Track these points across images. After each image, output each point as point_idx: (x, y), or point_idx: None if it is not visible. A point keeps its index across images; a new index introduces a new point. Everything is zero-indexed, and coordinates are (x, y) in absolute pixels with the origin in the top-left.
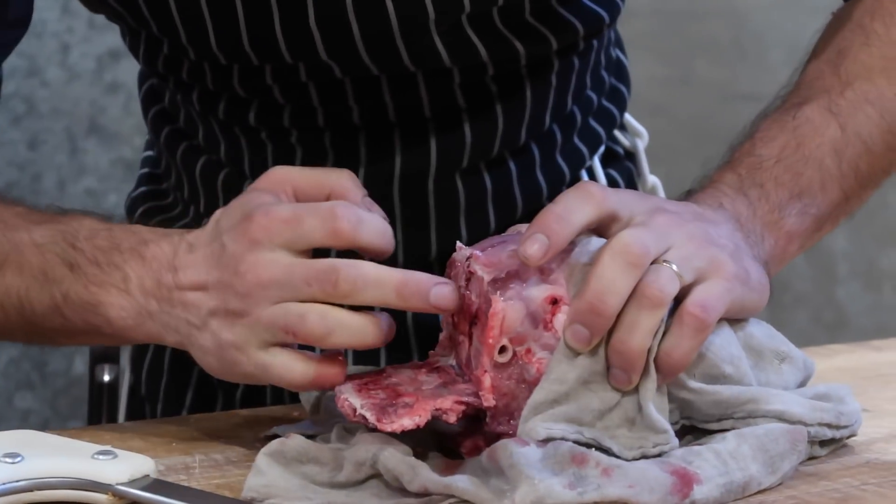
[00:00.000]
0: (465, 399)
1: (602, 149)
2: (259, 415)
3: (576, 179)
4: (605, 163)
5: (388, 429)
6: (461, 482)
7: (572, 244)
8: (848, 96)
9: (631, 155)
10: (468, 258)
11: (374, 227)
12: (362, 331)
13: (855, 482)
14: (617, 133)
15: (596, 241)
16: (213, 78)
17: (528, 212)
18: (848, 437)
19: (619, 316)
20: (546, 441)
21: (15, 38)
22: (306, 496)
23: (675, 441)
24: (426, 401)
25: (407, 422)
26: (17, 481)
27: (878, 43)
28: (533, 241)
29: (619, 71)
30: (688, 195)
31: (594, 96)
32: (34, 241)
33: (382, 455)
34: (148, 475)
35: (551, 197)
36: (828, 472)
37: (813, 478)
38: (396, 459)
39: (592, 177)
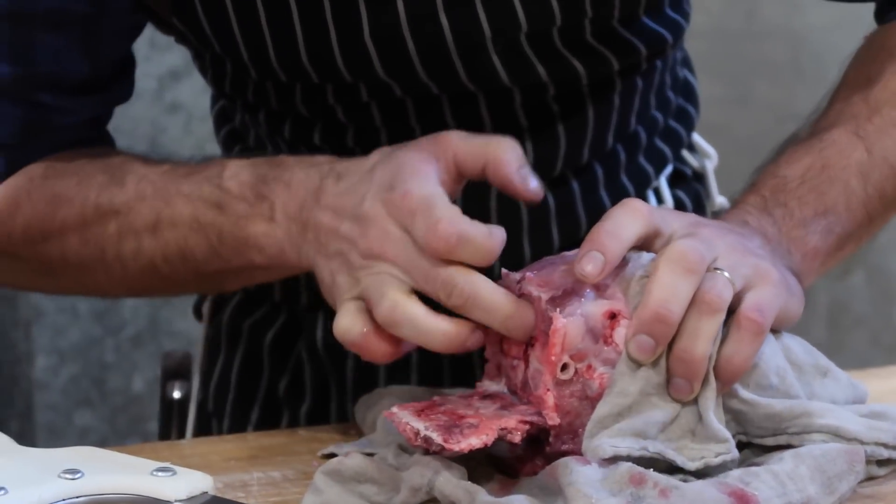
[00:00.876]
0: (529, 418)
1: (669, 169)
2: (319, 433)
3: (642, 199)
4: (673, 184)
5: (456, 448)
6: (518, 501)
7: (624, 260)
8: (875, 122)
9: (699, 176)
10: (520, 281)
11: (474, 247)
12: (433, 339)
13: None
14: (685, 153)
15: (647, 256)
16: (276, 98)
17: None
18: None
19: (680, 324)
20: (611, 460)
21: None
22: None
23: (736, 452)
24: (490, 421)
25: (475, 441)
26: (77, 497)
27: None
28: (589, 258)
29: (687, 91)
30: (713, 218)
31: (660, 116)
32: (181, 193)
33: (438, 480)
34: (206, 492)
35: None
36: (885, 494)
37: (870, 500)
38: (452, 485)
39: (659, 197)
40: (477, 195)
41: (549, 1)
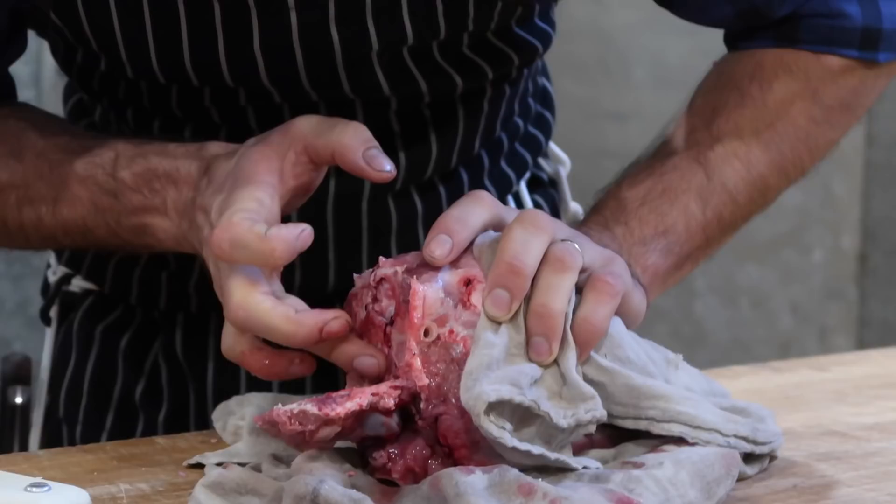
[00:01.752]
0: (400, 383)
1: (528, 174)
2: (178, 441)
3: (504, 204)
4: (531, 189)
5: (332, 413)
6: None
7: (471, 243)
8: (717, 150)
9: (554, 182)
10: (373, 271)
11: (249, 251)
12: (287, 331)
13: None
14: (541, 160)
15: (493, 233)
16: (149, 97)
17: None
18: (769, 456)
19: (533, 283)
20: (491, 468)
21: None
22: None
23: (603, 410)
24: (362, 390)
25: (350, 405)
26: None
27: (752, 105)
28: (437, 241)
29: (545, 98)
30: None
31: (521, 122)
32: (78, 176)
33: (323, 488)
34: None
35: None
36: (758, 497)
37: (746, 502)
38: (338, 493)
39: (519, 202)
40: (348, 200)
41: (436, 16)
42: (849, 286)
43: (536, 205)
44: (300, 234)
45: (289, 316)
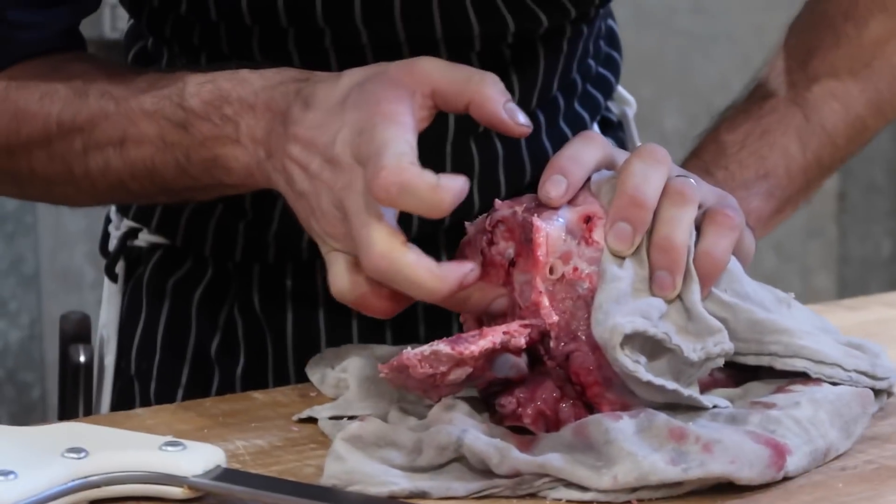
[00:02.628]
0: (530, 321)
1: (599, 116)
2: (275, 397)
3: None
4: (602, 130)
5: (466, 352)
6: (555, 461)
7: (588, 180)
8: (814, 90)
9: (621, 123)
10: (487, 216)
11: (417, 198)
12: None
13: None
14: (609, 102)
15: (608, 171)
16: (228, 42)
17: (535, 177)
18: (886, 392)
19: (654, 216)
20: (640, 410)
21: None
22: (391, 480)
23: (731, 344)
24: (492, 329)
25: (483, 342)
26: (87, 477)
27: (847, 44)
28: (552, 182)
29: (612, 38)
30: None
31: (592, 63)
32: (144, 111)
33: (467, 438)
34: (219, 465)
35: None
36: (889, 435)
37: (877, 441)
38: (483, 442)
39: None
40: (432, 142)
41: None
42: (829, 224)
43: None
44: (464, 187)
45: (433, 270)
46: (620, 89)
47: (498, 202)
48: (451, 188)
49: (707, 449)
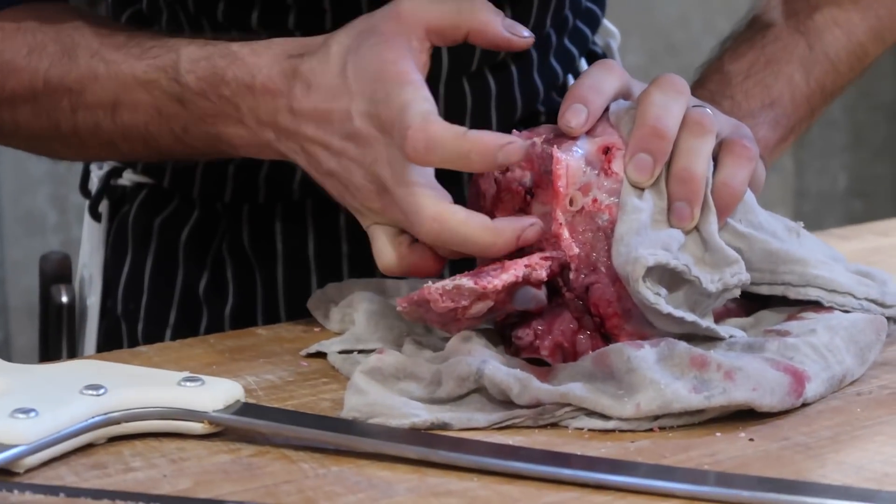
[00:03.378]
0: (550, 254)
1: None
2: (279, 332)
3: (566, 82)
4: (588, 63)
5: (490, 286)
6: (577, 390)
7: (605, 110)
8: (816, 18)
9: (605, 56)
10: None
11: (444, 150)
12: (485, 245)
13: None
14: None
15: (625, 101)
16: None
17: (526, 114)
18: (893, 320)
19: (673, 147)
20: (658, 341)
21: None
22: (412, 412)
23: (747, 274)
24: (513, 262)
25: (506, 276)
26: (108, 413)
27: None
28: (573, 111)
29: None
30: None
31: None
32: (138, 79)
33: (487, 368)
34: (239, 400)
35: (547, 98)
36: None
37: (889, 366)
38: (503, 373)
39: None
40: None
41: None
42: (786, 159)
43: None
44: (491, 139)
45: (486, 225)
46: (605, 21)
47: (515, 132)
48: (477, 139)
49: (729, 376)
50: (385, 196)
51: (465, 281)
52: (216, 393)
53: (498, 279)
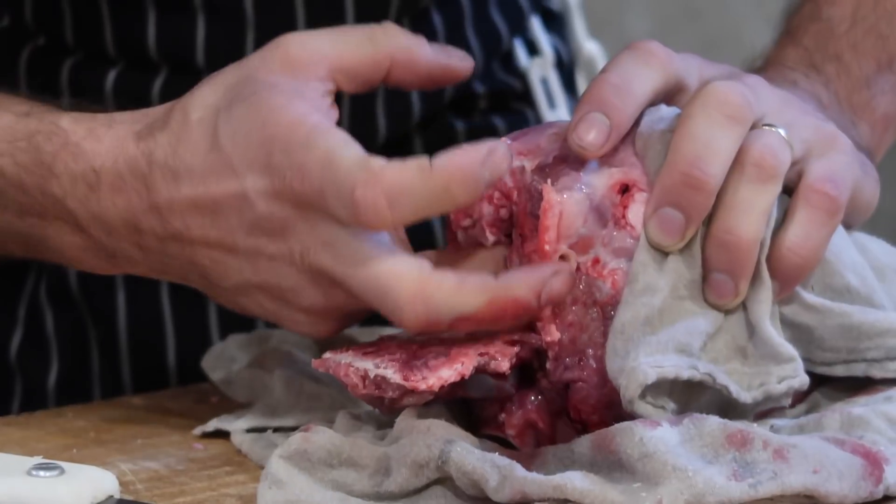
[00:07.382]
0: (518, 337)
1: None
2: (162, 402)
3: (512, 49)
4: (547, 27)
5: (423, 386)
6: (577, 480)
7: (637, 118)
8: None
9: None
10: None
11: (411, 197)
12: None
13: None
14: None
15: (668, 110)
16: None
17: (458, 95)
18: None
19: (718, 196)
20: (679, 418)
21: None
22: None
23: (805, 376)
24: (465, 347)
25: (446, 373)
26: None
27: None
28: (589, 123)
29: None
30: None
31: None
32: None
33: (454, 452)
34: (112, 496)
35: (487, 71)
36: None
37: None
38: (475, 458)
39: (533, 47)
40: None
41: None
42: None
43: (555, 50)
44: (466, 155)
45: (488, 286)
46: None
47: (506, 140)
48: (449, 164)
49: (780, 455)
50: (335, 291)
51: (390, 373)
52: (80, 486)
53: (434, 377)
